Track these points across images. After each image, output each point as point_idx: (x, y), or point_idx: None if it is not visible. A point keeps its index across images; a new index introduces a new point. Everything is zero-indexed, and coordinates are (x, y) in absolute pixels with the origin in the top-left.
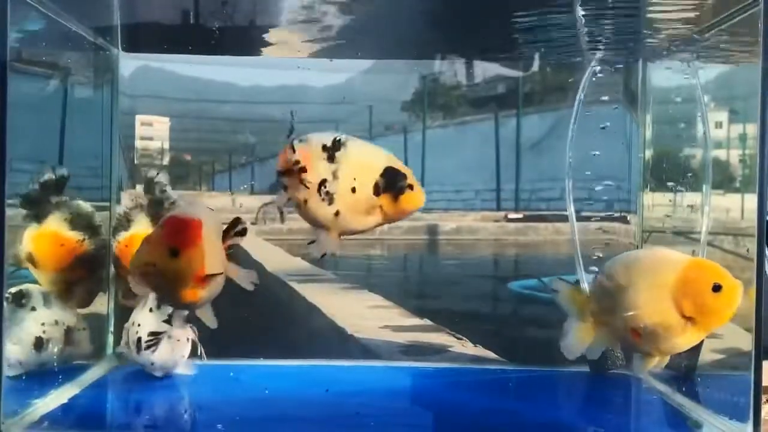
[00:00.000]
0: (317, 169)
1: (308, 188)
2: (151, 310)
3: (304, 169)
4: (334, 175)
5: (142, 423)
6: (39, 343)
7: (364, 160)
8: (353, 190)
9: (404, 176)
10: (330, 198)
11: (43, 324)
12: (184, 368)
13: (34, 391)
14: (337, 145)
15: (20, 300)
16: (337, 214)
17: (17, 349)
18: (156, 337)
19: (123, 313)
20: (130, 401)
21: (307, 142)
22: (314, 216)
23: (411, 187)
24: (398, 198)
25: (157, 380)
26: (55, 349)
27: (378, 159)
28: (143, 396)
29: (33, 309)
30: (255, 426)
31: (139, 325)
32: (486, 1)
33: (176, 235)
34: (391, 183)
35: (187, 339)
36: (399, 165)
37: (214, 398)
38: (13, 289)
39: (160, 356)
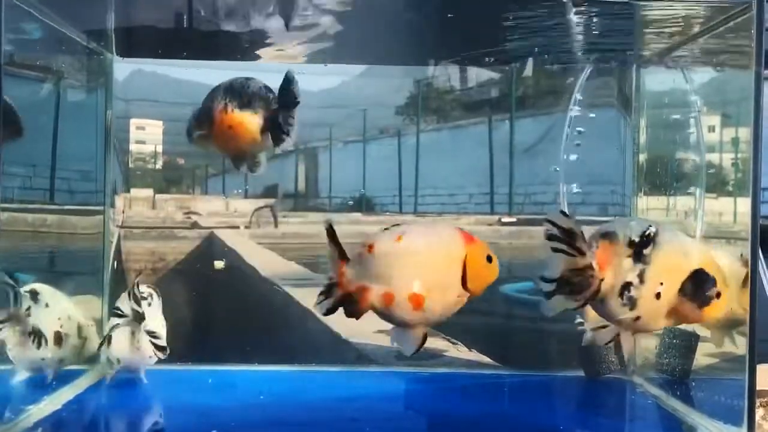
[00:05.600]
0: (620, 268)
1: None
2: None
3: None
4: (641, 278)
5: (136, 429)
6: (58, 338)
7: (674, 261)
8: (657, 296)
9: (714, 283)
10: (632, 303)
11: (59, 318)
12: (141, 371)
13: (28, 396)
14: (646, 241)
15: (36, 296)
16: (637, 319)
17: (42, 347)
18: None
19: None
20: (124, 407)
21: (610, 235)
22: (610, 316)
23: (718, 295)
24: (702, 308)
25: (153, 386)
26: (71, 344)
27: (690, 259)
28: (138, 402)
29: (47, 306)
30: (250, 431)
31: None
32: (479, 5)
33: None
34: (698, 291)
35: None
36: (711, 264)
37: (209, 404)
38: (26, 287)
39: (124, 354)
